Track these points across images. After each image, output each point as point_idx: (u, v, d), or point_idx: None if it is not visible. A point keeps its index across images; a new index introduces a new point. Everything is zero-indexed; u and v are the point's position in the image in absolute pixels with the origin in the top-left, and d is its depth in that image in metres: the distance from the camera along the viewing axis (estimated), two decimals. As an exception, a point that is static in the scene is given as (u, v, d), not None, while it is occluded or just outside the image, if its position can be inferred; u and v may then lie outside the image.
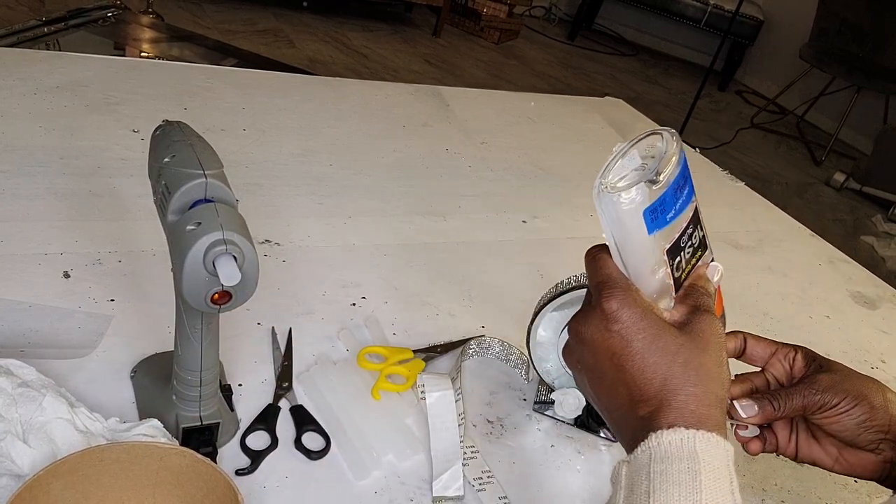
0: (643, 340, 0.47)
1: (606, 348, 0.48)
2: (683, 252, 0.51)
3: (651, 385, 0.47)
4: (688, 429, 0.44)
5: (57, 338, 0.68)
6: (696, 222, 0.52)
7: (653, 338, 0.47)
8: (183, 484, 0.52)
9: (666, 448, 0.44)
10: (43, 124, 1.00)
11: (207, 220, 0.50)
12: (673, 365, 0.47)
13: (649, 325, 0.48)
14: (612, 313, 0.48)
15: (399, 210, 1.04)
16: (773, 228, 1.33)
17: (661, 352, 0.47)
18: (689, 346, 0.48)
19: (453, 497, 0.63)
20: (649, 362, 0.47)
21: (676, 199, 0.49)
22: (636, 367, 0.47)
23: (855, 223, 3.56)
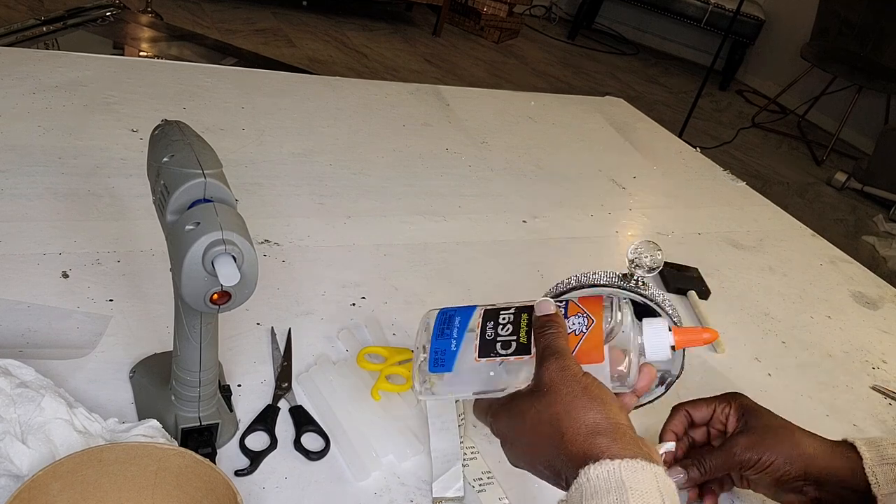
0: (512, 426, 0.54)
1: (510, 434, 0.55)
2: (498, 336, 0.56)
3: (546, 450, 0.51)
4: (612, 460, 0.46)
5: (56, 338, 0.67)
6: (491, 315, 0.58)
7: (515, 417, 0.53)
8: (182, 485, 0.52)
9: (595, 483, 0.45)
10: (42, 124, 0.99)
11: (206, 219, 0.50)
12: (538, 426, 0.51)
13: (510, 409, 0.54)
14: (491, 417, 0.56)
15: (399, 210, 1.04)
16: (773, 228, 1.33)
17: (527, 424, 0.52)
18: (539, 403, 0.51)
19: (453, 498, 0.63)
20: (527, 437, 0.52)
21: (448, 336, 0.57)
22: (526, 448, 0.53)
23: (856, 223, 3.56)
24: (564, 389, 0.50)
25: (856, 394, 0.93)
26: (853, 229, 3.46)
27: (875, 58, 4.09)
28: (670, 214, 1.26)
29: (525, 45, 4.81)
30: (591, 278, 0.69)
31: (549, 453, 0.50)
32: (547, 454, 0.50)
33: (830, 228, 3.28)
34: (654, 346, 0.55)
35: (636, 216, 1.23)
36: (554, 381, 0.51)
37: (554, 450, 0.50)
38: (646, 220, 1.23)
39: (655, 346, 0.55)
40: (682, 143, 1.61)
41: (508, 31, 4.71)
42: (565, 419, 0.49)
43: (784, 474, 0.63)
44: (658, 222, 1.22)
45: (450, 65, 4.05)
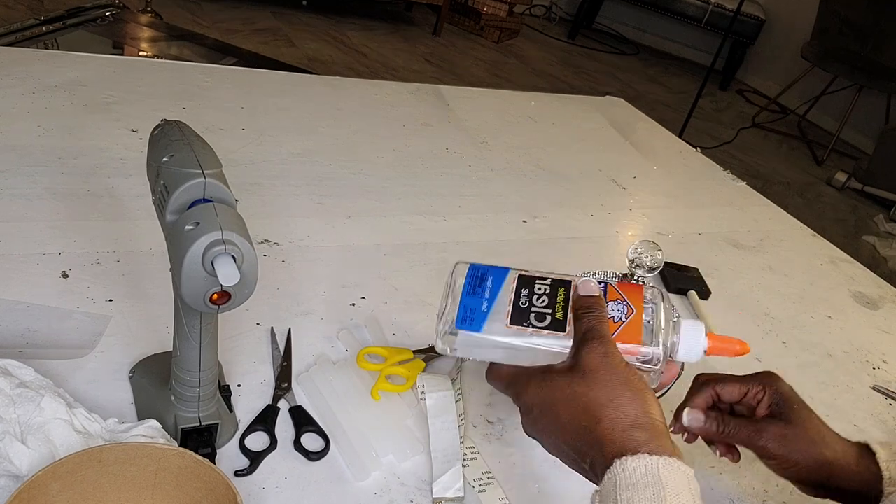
0: (541, 400, 0.53)
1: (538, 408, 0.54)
2: (533, 306, 0.55)
3: (576, 432, 0.50)
4: (650, 455, 0.46)
5: (55, 338, 0.67)
6: (526, 282, 0.57)
7: (547, 392, 0.52)
8: (181, 485, 0.52)
9: (631, 475, 0.46)
10: (41, 124, 0.99)
11: (206, 219, 0.50)
12: (573, 407, 0.50)
13: (542, 383, 0.53)
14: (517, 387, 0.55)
15: (399, 210, 1.04)
16: (774, 228, 1.33)
17: (559, 402, 0.51)
18: (578, 385, 0.51)
19: (453, 498, 0.63)
20: (557, 414, 0.52)
21: (479, 295, 0.56)
22: (552, 424, 0.53)
23: (856, 223, 3.55)
24: (607, 377, 0.50)
25: (856, 394, 0.93)
26: (853, 229, 3.46)
27: (875, 57, 4.09)
28: (670, 214, 1.26)
29: (525, 44, 4.81)
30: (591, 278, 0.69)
31: (578, 436, 0.50)
32: (576, 436, 0.50)
33: (830, 228, 3.28)
34: (689, 349, 0.55)
35: (636, 216, 1.23)
36: (597, 366, 0.51)
37: (586, 434, 0.50)
38: (646, 220, 1.23)
39: (690, 348, 0.55)
40: (682, 143, 1.61)
41: (508, 31, 4.71)
42: (606, 407, 0.49)
43: (804, 477, 0.61)
44: (658, 222, 1.22)
45: (450, 65, 4.05)
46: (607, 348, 0.52)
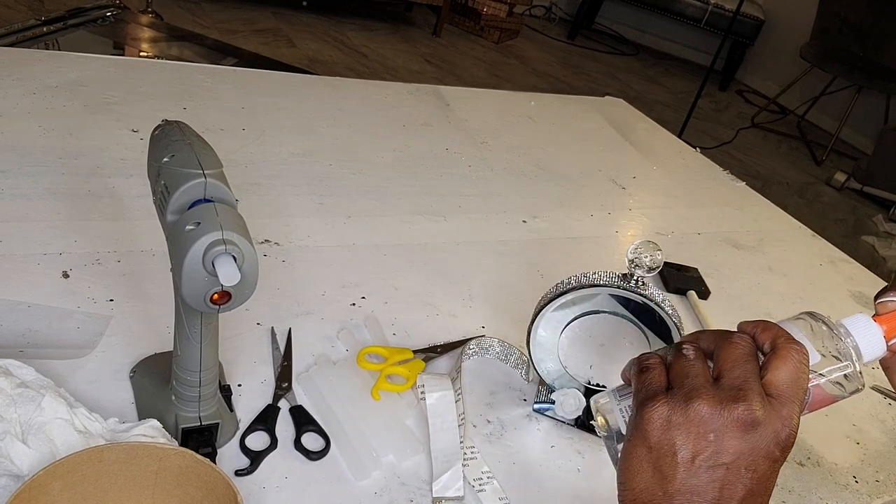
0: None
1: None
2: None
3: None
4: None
5: (56, 338, 0.68)
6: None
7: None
8: (182, 484, 0.52)
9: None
10: (42, 124, 0.99)
11: (207, 219, 0.50)
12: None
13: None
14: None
15: (399, 210, 1.04)
16: (773, 228, 1.33)
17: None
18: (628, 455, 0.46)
19: (453, 498, 0.63)
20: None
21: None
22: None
23: (856, 223, 3.56)
24: (631, 448, 0.46)
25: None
26: (853, 229, 3.46)
27: (875, 58, 4.09)
28: (670, 214, 1.26)
29: (525, 45, 4.81)
30: (591, 278, 0.69)
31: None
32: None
33: (830, 228, 3.28)
34: (869, 344, 0.52)
35: (636, 216, 1.23)
36: (629, 440, 0.47)
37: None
38: (646, 220, 1.23)
39: (869, 343, 0.52)
40: (681, 144, 1.61)
41: (508, 32, 4.71)
42: (624, 475, 0.46)
43: None
44: (658, 222, 1.23)
45: (450, 65, 4.05)
46: (647, 418, 0.46)
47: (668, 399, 0.45)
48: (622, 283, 0.68)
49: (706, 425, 0.43)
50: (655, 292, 0.68)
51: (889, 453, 0.85)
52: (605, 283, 0.68)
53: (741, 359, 0.46)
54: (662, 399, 0.45)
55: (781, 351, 0.46)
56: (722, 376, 0.45)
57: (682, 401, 0.44)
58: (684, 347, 0.48)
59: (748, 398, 0.44)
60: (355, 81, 1.47)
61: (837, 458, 0.82)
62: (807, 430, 0.84)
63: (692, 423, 0.44)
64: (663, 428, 0.44)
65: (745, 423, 0.43)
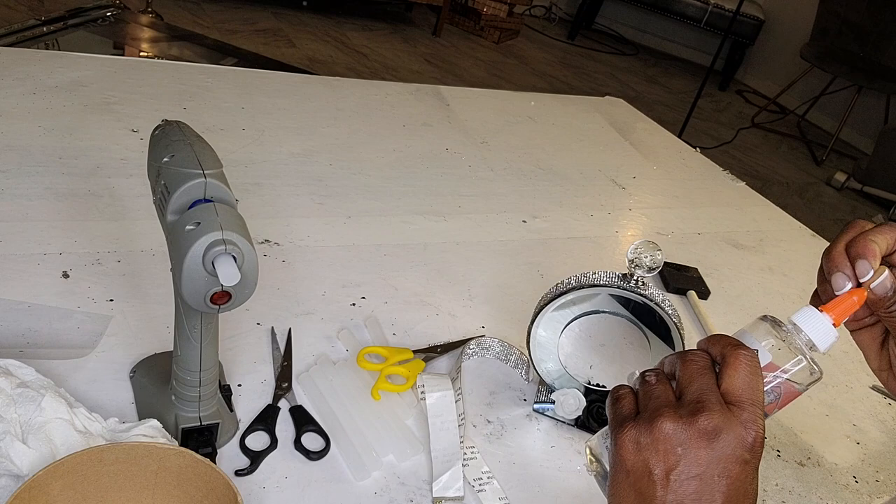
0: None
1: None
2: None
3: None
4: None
5: (56, 338, 0.68)
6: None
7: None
8: (182, 484, 0.52)
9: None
10: (42, 124, 0.99)
11: (207, 219, 0.50)
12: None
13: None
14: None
15: (399, 210, 1.04)
16: (773, 228, 1.33)
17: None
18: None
19: (453, 498, 0.63)
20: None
21: None
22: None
23: (855, 223, 3.55)
24: (614, 476, 0.48)
25: (855, 394, 0.93)
26: (853, 229, 3.46)
27: (875, 58, 4.09)
28: (670, 214, 1.26)
29: (525, 45, 4.81)
30: (591, 278, 0.69)
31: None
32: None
33: (830, 228, 3.28)
34: (821, 337, 0.54)
35: (636, 216, 1.23)
36: (612, 467, 0.49)
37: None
38: (646, 220, 1.23)
39: (821, 335, 0.54)
40: (681, 143, 1.61)
41: (508, 32, 4.71)
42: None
43: None
44: (658, 222, 1.23)
45: (450, 65, 4.05)
46: (621, 445, 0.49)
47: (635, 423, 0.48)
48: (622, 283, 0.68)
49: (672, 441, 0.46)
50: (655, 292, 0.68)
51: (889, 453, 0.85)
52: (605, 283, 0.68)
53: (697, 373, 0.48)
54: (630, 424, 0.48)
55: (730, 358, 0.48)
56: (683, 393, 0.48)
57: (647, 422, 0.47)
58: (647, 374, 0.50)
59: (707, 408, 0.46)
60: (355, 81, 1.47)
61: (837, 458, 0.82)
62: (807, 430, 0.84)
63: (659, 440, 0.46)
64: (635, 450, 0.47)
65: (707, 432, 0.45)
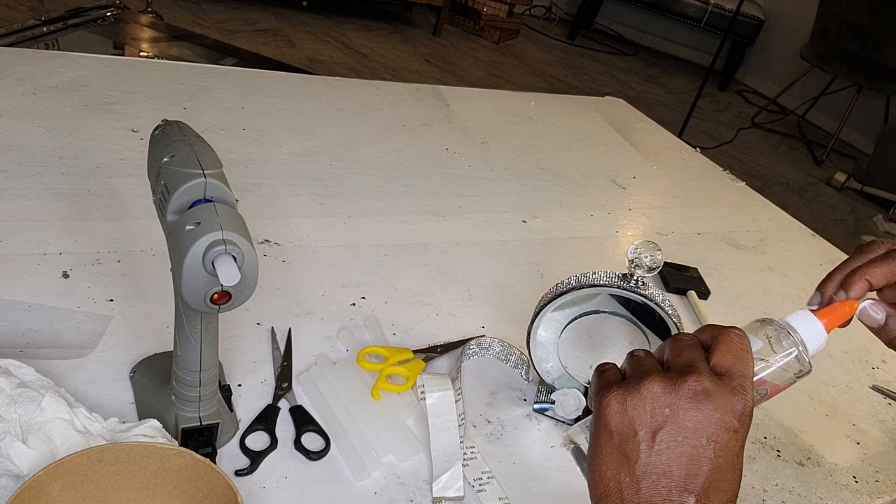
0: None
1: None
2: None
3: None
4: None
5: (56, 338, 0.68)
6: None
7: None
8: (182, 484, 0.52)
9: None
10: (42, 124, 0.99)
11: (207, 219, 0.50)
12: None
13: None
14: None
15: (399, 210, 1.04)
16: (773, 228, 1.33)
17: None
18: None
19: (453, 498, 0.63)
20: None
21: None
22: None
23: (856, 223, 3.56)
24: (596, 438, 0.47)
25: (855, 394, 0.93)
26: (853, 229, 3.46)
27: (875, 58, 4.09)
28: (670, 214, 1.27)
29: (525, 45, 4.81)
30: (591, 278, 0.69)
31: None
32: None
33: (830, 228, 3.28)
34: (812, 339, 0.55)
35: (636, 216, 1.23)
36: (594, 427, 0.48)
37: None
38: (646, 220, 1.23)
39: (812, 337, 0.55)
40: (681, 143, 1.61)
41: (508, 32, 4.71)
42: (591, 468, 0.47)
43: None
44: (658, 222, 1.23)
45: (450, 65, 4.05)
46: (603, 411, 0.48)
47: (621, 385, 0.47)
48: (622, 283, 0.68)
49: (660, 401, 0.45)
50: (655, 292, 0.68)
51: (889, 453, 0.85)
52: (605, 283, 0.68)
53: (686, 347, 0.49)
54: (616, 387, 0.47)
55: (720, 336, 0.49)
56: (671, 365, 0.48)
57: (634, 384, 0.46)
58: (635, 351, 0.51)
59: (697, 371, 0.46)
60: (355, 81, 1.47)
61: (837, 458, 0.82)
62: (807, 430, 0.84)
63: (646, 400, 0.45)
64: (621, 411, 0.46)
65: (696, 393, 0.45)
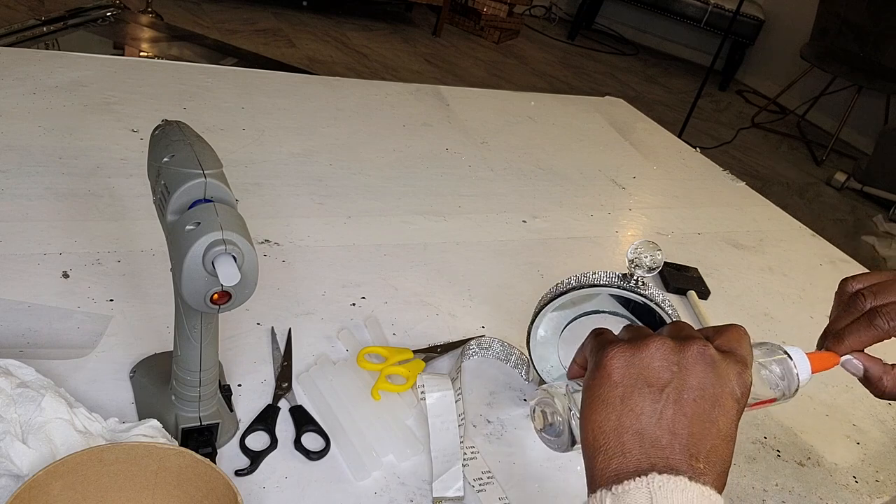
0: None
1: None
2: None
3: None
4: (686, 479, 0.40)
5: (56, 338, 0.68)
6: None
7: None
8: (182, 484, 0.52)
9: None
10: (42, 124, 0.99)
11: (207, 219, 0.50)
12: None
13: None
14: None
15: (399, 210, 1.04)
16: (773, 228, 1.33)
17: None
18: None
19: (453, 498, 0.63)
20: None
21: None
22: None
23: (856, 223, 3.56)
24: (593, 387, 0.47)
25: (855, 394, 0.93)
26: (853, 229, 3.46)
27: (875, 58, 4.09)
28: (670, 214, 1.26)
29: (525, 45, 4.81)
30: (591, 278, 0.69)
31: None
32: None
33: (830, 228, 3.28)
34: (801, 368, 0.58)
35: (636, 216, 1.23)
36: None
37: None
38: (646, 220, 1.23)
39: (801, 368, 0.58)
40: (681, 143, 1.61)
41: (508, 32, 4.71)
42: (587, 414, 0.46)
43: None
44: (658, 222, 1.23)
45: (450, 65, 4.05)
46: (602, 364, 0.48)
47: (625, 343, 0.46)
48: (622, 283, 0.68)
49: (668, 358, 0.44)
50: (655, 292, 0.68)
51: (889, 453, 0.85)
52: (605, 283, 0.68)
53: (686, 327, 0.49)
54: (620, 344, 0.46)
55: (723, 327, 0.50)
56: (673, 337, 0.47)
57: (639, 342, 0.45)
58: (632, 324, 0.50)
59: (701, 340, 0.46)
60: (355, 81, 1.47)
61: (837, 458, 0.82)
62: (807, 430, 0.84)
63: (654, 356, 0.44)
64: (627, 363, 0.45)
65: (704, 356, 0.44)
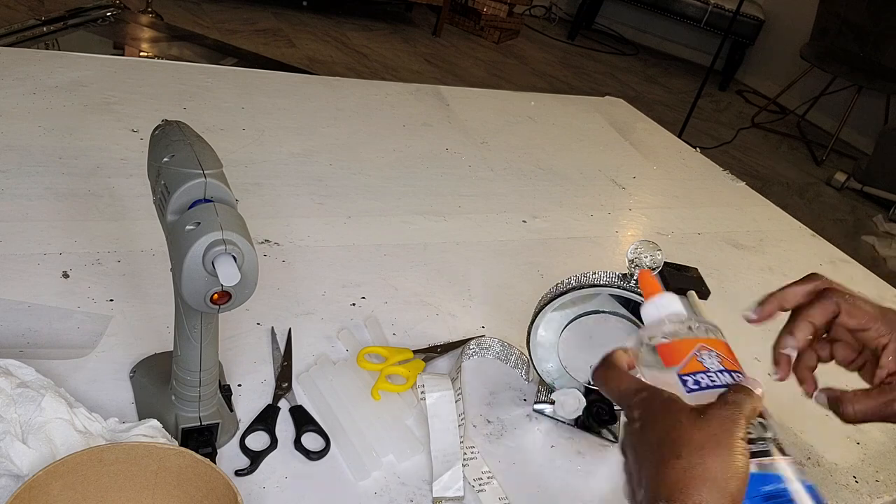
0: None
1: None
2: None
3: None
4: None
5: (56, 338, 0.68)
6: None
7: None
8: (182, 484, 0.52)
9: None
10: (42, 124, 0.99)
11: (207, 219, 0.50)
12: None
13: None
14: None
15: (399, 210, 1.04)
16: (773, 228, 1.33)
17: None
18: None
19: (453, 498, 0.63)
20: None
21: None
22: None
23: (856, 223, 3.56)
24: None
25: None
26: (853, 229, 3.46)
27: (875, 58, 4.09)
28: (670, 214, 1.26)
29: (525, 45, 4.81)
30: (591, 278, 0.69)
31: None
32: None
33: (830, 228, 3.28)
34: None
35: (636, 216, 1.23)
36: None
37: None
38: (646, 220, 1.23)
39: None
40: (681, 143, 1.61)
41: (508, 32, 4.71)
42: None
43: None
44: (658, 222, 1.23)
45: (450, 65, 4.05)
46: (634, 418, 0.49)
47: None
48: (622, 283, 0.68)
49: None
50: (655, 292, 0.68)
51: (889, 453, 0.85)
52: (605, 283, 0.68)
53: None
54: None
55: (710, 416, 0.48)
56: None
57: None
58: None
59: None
60: (355, 81, 1.47)
61: (837, 458, 0.82)
62: (807, 430, 0.84)
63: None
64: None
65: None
